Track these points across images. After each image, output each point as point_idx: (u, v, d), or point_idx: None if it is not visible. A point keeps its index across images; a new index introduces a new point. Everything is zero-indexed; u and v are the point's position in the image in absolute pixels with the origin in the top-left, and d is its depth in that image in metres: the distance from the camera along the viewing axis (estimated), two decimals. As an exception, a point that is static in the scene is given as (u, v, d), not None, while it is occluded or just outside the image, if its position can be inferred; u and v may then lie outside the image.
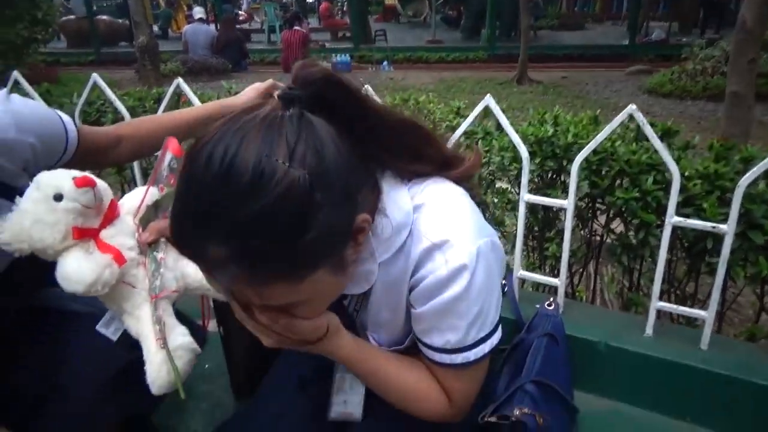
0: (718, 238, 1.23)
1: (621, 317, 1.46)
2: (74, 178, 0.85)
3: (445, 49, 11.79)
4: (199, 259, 0.59)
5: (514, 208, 1.52)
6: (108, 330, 0.96)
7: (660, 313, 1.30)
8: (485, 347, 0.79)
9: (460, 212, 0.77)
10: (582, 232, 1.58)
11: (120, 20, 13.21)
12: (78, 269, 0.84)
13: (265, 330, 0.72)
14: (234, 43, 10.46)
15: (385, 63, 11.03)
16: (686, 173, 1.30)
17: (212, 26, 11.87)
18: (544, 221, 1.58)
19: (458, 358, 0.79)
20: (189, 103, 1.77)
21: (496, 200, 1.65)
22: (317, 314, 0.73)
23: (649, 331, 1.29)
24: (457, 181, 0.82)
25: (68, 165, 1.04)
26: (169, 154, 0.93)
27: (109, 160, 1.15)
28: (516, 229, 1.37)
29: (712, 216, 1.25)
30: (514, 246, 1.38)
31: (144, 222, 0.95)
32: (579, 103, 7.14)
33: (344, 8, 16.38)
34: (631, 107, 1.18)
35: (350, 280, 0.75)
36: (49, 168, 0.94)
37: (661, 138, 1.48)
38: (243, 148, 0.55)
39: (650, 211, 1.34)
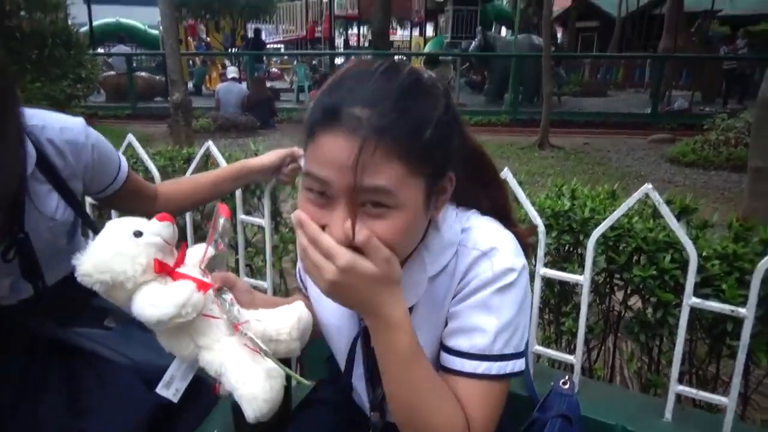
0: (738, 321, 1.21)
1: (639, 399, 1.42)
2: (157, 214, 0.92)
3: (469, 113, 12.01)
4: (345, 119, 0.68)
5: (530, 281, 1.52)
6: (168, 391, 0.90)
7: (680, 396, 1.26)
8: (508, 365, 0.80)
9: (505, 234, 0.83)
10: (600, 307, 1.56)
11: (157, 77, 13.84)
12: (166, 293, 0.83)
13: (333, 253, 0.69)
14: (264, 102, 10.84)
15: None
16: (704, 253, 1.29)
17: (244, 85, 12.32)
18: (560, 295, 1.57)
19: (481, 367, 0.79)
20: (217, 165, 1.84)
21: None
22: (396, 237, 0.71)
23: (668, 415, 1.25)
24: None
25: (111, 200, 1.23)
26: (222, 217, 0.95)
27: (143, 210, 1.21)
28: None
29: (731, 298, 1.23)
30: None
31: (209, 269, 0.95)
32: (600, 170, 7.16)
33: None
34: (647, 186, 1.20)
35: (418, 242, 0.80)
36: (98, 192, 1.18)
37: (679, 215, 1.49)
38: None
39: (668, 290, 1.33)
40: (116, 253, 0.84)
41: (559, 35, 24.03)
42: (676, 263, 1.32)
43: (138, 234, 0.87)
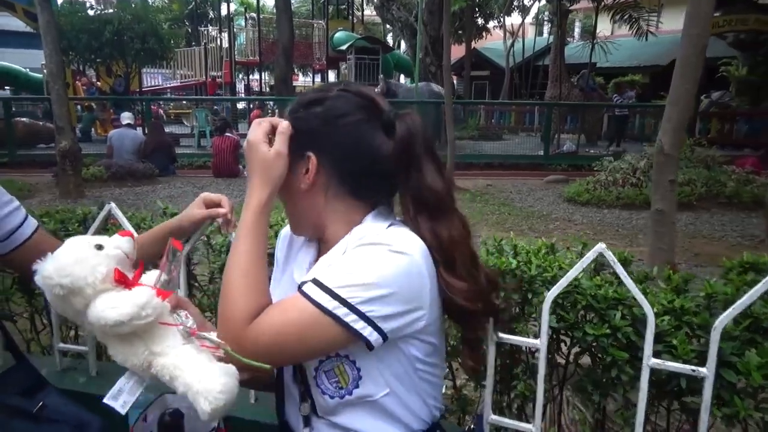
0: (695, 378, 1.20)
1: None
2: (119, 230, 1.01)
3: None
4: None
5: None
6: (117, 403, 0.90)
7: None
8: (333, 304, 0.83)
9: (412, 236, 0.92)
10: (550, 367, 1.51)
11: (41, 122, 12.84)
12: (126, 296, 0.86)
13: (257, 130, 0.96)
14: (163, 148, 10.34)
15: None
16: (655, 309, 1.28)
17: (140, 130, 11.71)
18: (510, 356, 1.50)
19: (304, 286, 0.87)
20: (119, 226, 1.63)
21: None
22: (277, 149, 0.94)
23: (633, 482, 1.19)
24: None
25: (13, 255, 1.14)
26: (175, 249, 0.95)
27: None
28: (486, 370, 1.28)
29: (683, 354, 1.22)
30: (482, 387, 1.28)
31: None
32: (506, 210, 7.45)
33: (275, 114, 16.79)
34: (600, 246, 1.17)
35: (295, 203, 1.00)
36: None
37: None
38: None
39: (621, 348, 1.30)
40: (78, 260, 0.88)
41: (454, 82, 25.39)
42: (627, 320, 1.30)
43: (99, 247, 0.92)
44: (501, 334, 1.26)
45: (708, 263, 5.25)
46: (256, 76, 23.05)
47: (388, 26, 26.05)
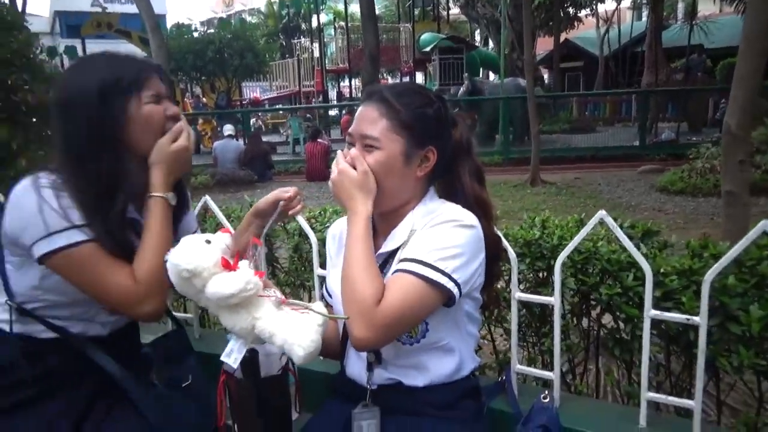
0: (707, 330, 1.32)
1: (617, 409, 1.52)
2: (222, 228, 1.34)
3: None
4: (369, 99, 1.20)
5: (507, 306, 1.63)
6: (230, 359, 1.18)
7: (659, 405, 1.35)
8: (437, 276, 1.07)
9: (466, 211, 1.18)
10: (577, 327, 1.67)
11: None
12: (235, 275, 1.08)
13: (337, 162, 1.17)
14: (260, 156, 11.12)
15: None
16: (662, 269, 1.41)
17: (240, 141, 12.65)
18: (539, 317, 1.68)
19: (410, 266, 1.08)
20: (214, 217, 1.99)
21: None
22: (375, 165, 1.15)
23: (642, 422, 1.34)
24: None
25: None
26: (254, 243, 1.21)
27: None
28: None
29: (690, 309, 1.34)
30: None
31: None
32: (591, 202, 7.32)
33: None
34: (601, 213, 1.33)
35: (396, 192, 1.20)
36: None
37: (642, 238, 1.62)
38: None
39: (633, 305, 1.44)
40: (197, 251, 1.10)
41: (545, 76, 24.72)
42: (639, 281, 1.44)
43: (208, 242, 1.14)
44: (521, 294, 1.46)
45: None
46: (347, 82, 23.87)
47: (474, 24, 25.90)
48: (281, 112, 21.27)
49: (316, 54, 21.73)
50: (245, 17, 27.45)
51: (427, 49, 17.73)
